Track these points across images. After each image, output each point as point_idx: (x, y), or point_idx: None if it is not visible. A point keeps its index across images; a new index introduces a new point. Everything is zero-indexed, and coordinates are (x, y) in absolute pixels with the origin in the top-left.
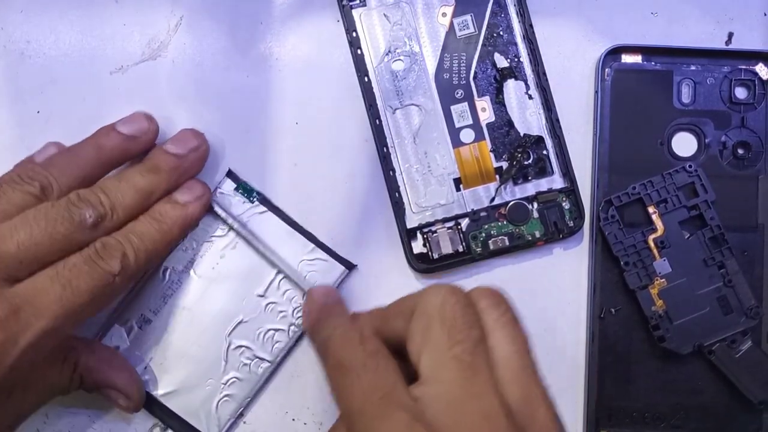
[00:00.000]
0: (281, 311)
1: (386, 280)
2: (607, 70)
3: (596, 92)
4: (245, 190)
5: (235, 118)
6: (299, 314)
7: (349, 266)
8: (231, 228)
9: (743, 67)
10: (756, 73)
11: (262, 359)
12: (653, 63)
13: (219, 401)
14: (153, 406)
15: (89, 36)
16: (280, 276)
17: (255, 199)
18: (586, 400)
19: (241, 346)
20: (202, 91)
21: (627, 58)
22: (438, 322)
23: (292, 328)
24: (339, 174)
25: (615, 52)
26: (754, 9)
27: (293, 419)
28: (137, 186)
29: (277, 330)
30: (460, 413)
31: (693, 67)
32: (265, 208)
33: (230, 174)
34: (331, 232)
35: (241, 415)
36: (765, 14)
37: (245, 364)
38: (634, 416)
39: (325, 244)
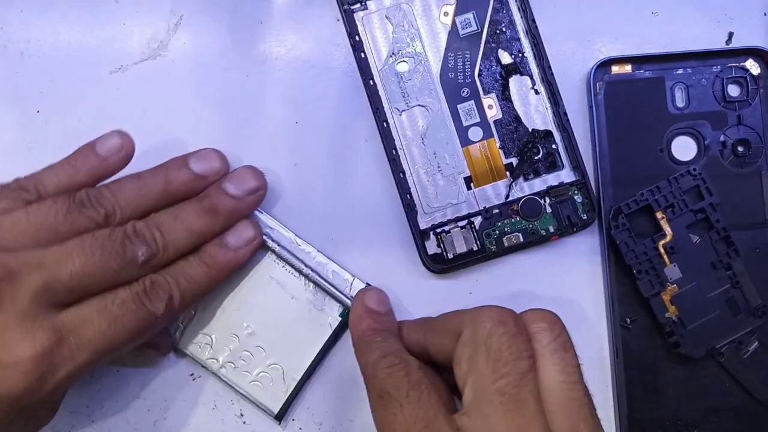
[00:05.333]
0: None
1: (402, 283)
2: (598, 83)
3: (590, 107)
4: None
5: (235, 118)
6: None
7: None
8: None
9: (733, 65)
10: (747, 70)
11: None
12: (643, 71)
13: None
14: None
15: (89, 36)
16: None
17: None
18: (617, 415)
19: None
20: (202, 91)
21: (617, 70)
22: (484, 353)
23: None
24: (340, 174)
25: (604, 65)
26: (754, 9)
27: None
28: (192, 228)
29: None
30: None
31: (684, 71)
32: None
33: None
34: (336, 236)
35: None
36: (765, 14)
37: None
38: (667, 425)
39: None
